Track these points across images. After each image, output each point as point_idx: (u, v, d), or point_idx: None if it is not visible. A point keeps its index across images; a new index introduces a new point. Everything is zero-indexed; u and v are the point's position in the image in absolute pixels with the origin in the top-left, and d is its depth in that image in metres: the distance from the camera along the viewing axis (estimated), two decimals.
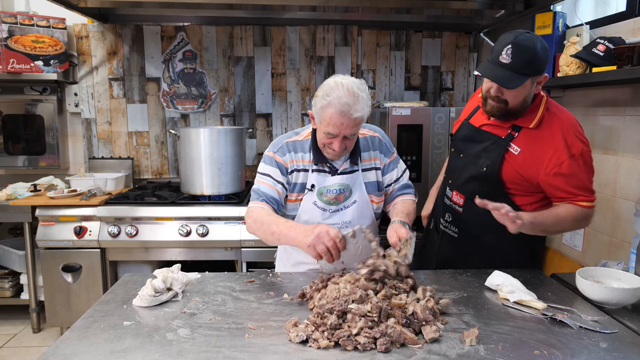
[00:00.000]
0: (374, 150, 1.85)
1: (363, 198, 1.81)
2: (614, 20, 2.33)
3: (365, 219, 1.83)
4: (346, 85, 1.60)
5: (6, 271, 3.40)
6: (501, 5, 3.11)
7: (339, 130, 1.62)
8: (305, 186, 1.79)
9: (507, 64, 1.60)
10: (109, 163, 3.66)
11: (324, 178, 1.79)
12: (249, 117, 3.74)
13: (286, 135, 1.87)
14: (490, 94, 1.70)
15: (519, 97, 1.67)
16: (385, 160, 1.88)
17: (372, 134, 1.89)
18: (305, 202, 1.79)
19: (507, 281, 1.56)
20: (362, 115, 1.62)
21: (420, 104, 3.21)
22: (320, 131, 1.69)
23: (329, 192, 1.78)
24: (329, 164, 1.79)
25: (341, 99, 1.57)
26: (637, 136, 2.14)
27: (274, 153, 1.81)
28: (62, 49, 3.45)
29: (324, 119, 1.64)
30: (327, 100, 1.60)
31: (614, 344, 1.25)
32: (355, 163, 1.81)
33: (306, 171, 1.79)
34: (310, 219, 1.79)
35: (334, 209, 1.80)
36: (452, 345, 1.23)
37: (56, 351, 1.20)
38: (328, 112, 1.61)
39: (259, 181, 1.82)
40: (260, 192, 1.78)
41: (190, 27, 3.60)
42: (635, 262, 1.75)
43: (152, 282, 1.50)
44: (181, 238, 2.96)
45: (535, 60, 1.61)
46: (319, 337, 1.23)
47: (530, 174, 1.73)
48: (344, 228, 1.75)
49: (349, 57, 3.69)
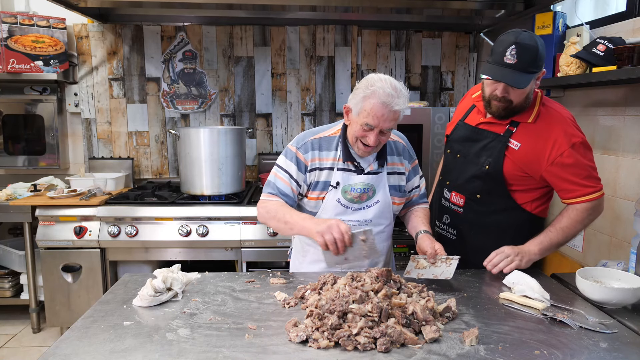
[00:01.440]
0: (398, 155, 1.87)
1: (386, 199, 1.82)
2: (614, 20, 2.33)
3: (385, 219, 1.84)
4: (389, 80, 1.65)
5: (6, 271, 3.40)
6: (501, 5, 3.12)
7: (378, 121, 1.63)
8: (329, 184, 1.78)
9: (513, 64, 1.62)
10: (109, 163, 3.66)
11: (349, 176, 1.78)
12: (249, 117, 3.74)
13: (312, 131, 1.86)
14: (496, 96, 1.71)
15: (524, 94, 1.70)
16: (409, 167, 1.89)
17: (397, 139, 1.91)
18: (329, 199, 1.79)
19: (523, 280, 1.57)
20: (401, 109, 1.64)
21: (420, 104, 3.21)
22: (357, 123, 1.68)
23: (353, 191, 1.78)
24: (357, 162, 1.79)
25: (385, 90, 1.60)
26: (637, 136, 2.14)
27: (297, 149, 1.80)
28: (62, 49, 3.45)
29: (364, 109, 1.64)
30: (370, 90, 1.62)
31: (614, 344, 1.25)
32: (382, 165, 1.81)
33: (331, 169, 1.78)
34: (332, 215, 1.78)
35: (357, 207, 1.80)
36: (452, 345, 1.23)
37: (56, 351, 1.20)
38: (370, 102, 1.62)
39: (276, 174, 1.81)
40: (275, 186, 1.79)
41: (190, 27, 3.60)
42: (635, 262, 1.75)
43: (152, 282, 1.50)
44: (181, 238, 2.96)
45: (539, 58, 1.64)
46: (319, 337, 1.23)
47: (532, 168, 1.74)
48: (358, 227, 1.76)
49: (349, 57, 3.68)
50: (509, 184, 1.79)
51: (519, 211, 1.82)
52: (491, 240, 1.83)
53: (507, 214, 1.82)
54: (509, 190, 1.80)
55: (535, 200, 1.82)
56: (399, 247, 2.98)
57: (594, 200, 1.71)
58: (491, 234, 1.84)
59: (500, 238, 1.80)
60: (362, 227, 1.74)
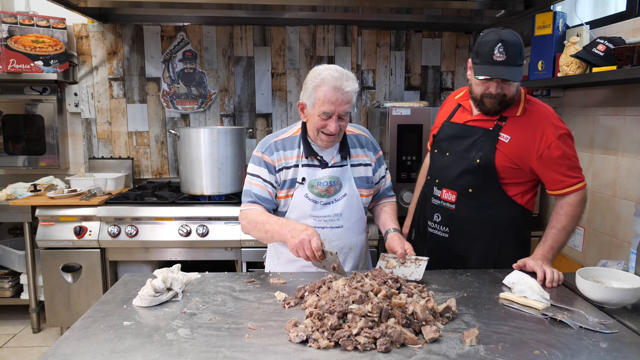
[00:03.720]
0: (361, 147, 1.92)
1: (352, 192, 1.86)
2: (614, 20, 2.33)
3: (355, 212, 1.88)
4: (334, 66, 1.73)
5: (6, 271, 3.40)
6: (501, 5, 3.12)
7: (334, 107, 1.68)
8: (296, 181, 1.83)
9: (504, 60, 1.69)
10: (109, 163, 3.66)
11: (314, 171, 1.83)
12: (249, 117, 3.74)
13: (273, 134, 1.92)
14: (491, 93, 1.76)
15: (514, 86, 1.78)
16: (374, 158, 1.94)
17: (359, 132, 1.96)
18: (297, 195, 1.83)
19: (522, 280, 1.57)
20: (353, 90, 1.71)
21: (420, 104, 3.21)
22: (314, 115, 1.74)
23: (319, 185, 1.82)
24: (319, 157, 1.83)
25: (333, 75, 1.67)
26: (637, 136, 2.14)
27: (262, 153, 1.85)
28: (62, 49, 3.45)
29: (318, 99, 1.70)
30: (319, 78, 1.69)
31: (614, 344, 1.25)
32: (344, 158, 1.86)
33: (296, 167, 1.83)
34: (302, 212, 1.83)
35: (325, 202, 1.83)
36: (452, 345, 1.23)
37: (56, 351, 1.20)
38: (322, 90, 1.68)
39: (249, 182, 1.86)
40: (252, 194, 1.84)
41: (190, 27, 3.60)
42: (635, 262, 1.75)
43: (152, 282, 1.50)
44: (181, 238, 2.96)
45: (523, 51, 1.75)
46: (319, 337, 1.23)
47: (522, 160, 1.79)
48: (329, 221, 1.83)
49: (349, 57, 3.68)
50: (501, 177, 1.83)
51: (510, 204, 1.86)
52: (485, 234, 1.87)
53: (499, 207, 1.86)
54: (501, 182, 1.84)
55: (526, 193, 1.87)
56: None
57: (581, 191, 1.78)
58: (485, 227, 1.87)
59: (494, 232, 1.86)
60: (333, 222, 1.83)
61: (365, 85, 3.77)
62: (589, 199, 2.45)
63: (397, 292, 1.44)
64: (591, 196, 2.44)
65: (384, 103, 3.28)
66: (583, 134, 2.51)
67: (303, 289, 1.53)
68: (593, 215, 2.43)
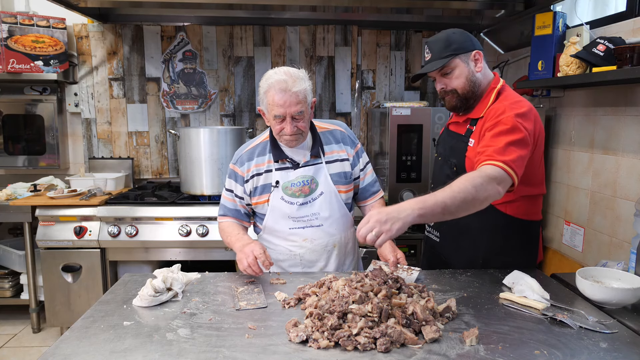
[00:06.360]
0: (336, 143, 1.91)
1: (329, 189, 1.85)
2: (614, 20, 2.33)
3: (335, 210, 1.87)
4: (283, 68, 1.75)
5: (6, 271, 3.40)
6: (501, 5, 3.11)
7: (284, 109, 1.69)
8: (270, 185, 1.84)
9: (429, 58, 1.76)
10: (109, 163, 3.66)
11: (286, 173, 1.84)
12: (249, 117, 3.74)
13: (246, 144, 1.97)
14: (443, 90, 1.78)
15: (461, 78, 1.74)
16: (352, 152, 1.93)
17: (334, 127, 1.96)
18: (273, 199, 1.84)
19: (522, 280, 1.57)
20: (302, 89, 1.70)
21: (420, 104, 3.21)
22: (271, 120, 1.76)
23: (293, 185, 1.83)
24: (289, 159, 1.84)
25: (279, 78, 1.69)
26: (637, 136, 2.13)
27: (234, 164, 1.92)
28: (62, 49, 3.45)
29: (269, 104, 1.72)
30: (267, 83, 1.72)
31: (614, 344, 1.25)
32: (316, 156, 1.85)
33: (269, 171, 1.85)
34: (280, 214, 1.85)
35: (302, 202, 1.84)
36: (452, 345, 1.23)
37: (56, 351, 1.20)
38: (270, 94, 1.70)
39: (223, 196, 1.96)
40: (225, 207, 1.94)
41: (190, 27, 3.60)
42: (635, 262, 1.75)
43: (152, 282, 1.50)
44: (181, 238, 2.96)
45: (450, 42, 1.72)
46: (319, 337, 1.23)
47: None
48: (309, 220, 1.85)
49: (349, 57, 3.68)
50: None
51: (493, 212, 1.73)
52: (468, 241, 1.83)
53: (479, 214, 1.55)
54: None
55: (513, 201, 1.74)
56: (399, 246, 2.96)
57: (498, 170, 1.50)
58: (468, 235, 1.82)
59: (478, 239, 1.81)
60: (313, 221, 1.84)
61: (365, 85, 3.77)
62: (589, 199, 2.45)
63: (397, 292, 1.45)
64: (591, 196, 2.44)
65: (384, 103, 3.28)
66: (583, 134, 2.51)
67: (303, 289, 1.53)
68: (593, 215, 2.43)
